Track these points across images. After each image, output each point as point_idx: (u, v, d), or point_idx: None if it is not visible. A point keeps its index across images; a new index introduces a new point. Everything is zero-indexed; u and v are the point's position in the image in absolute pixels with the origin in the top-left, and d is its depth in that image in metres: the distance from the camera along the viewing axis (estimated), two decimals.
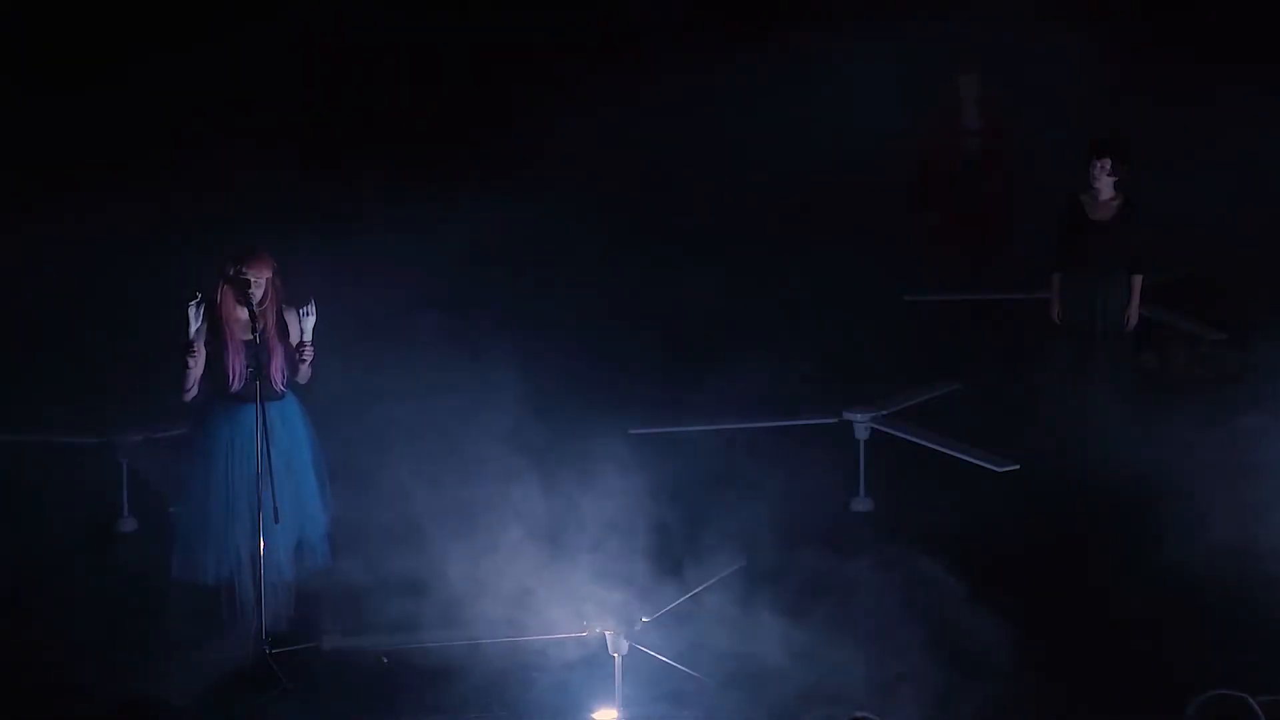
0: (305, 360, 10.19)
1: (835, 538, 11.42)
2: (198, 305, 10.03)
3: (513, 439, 10.96)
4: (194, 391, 10.13)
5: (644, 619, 9.74)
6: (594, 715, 9.50)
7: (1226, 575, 10.81)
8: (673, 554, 10.44)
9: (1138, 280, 12.86)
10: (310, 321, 10.18)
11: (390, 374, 12.79)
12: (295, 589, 10.35)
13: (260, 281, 10.06)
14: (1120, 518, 11.92)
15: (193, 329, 10.02)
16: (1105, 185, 12.80)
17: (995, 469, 12.26)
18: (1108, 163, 12.74)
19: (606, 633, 9.63)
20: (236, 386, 10.11)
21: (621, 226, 16.18)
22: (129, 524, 11.99)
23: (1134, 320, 12.90)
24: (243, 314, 10.05)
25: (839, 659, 9.76)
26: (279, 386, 10.18)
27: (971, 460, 12.31)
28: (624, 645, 9.53)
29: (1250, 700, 6.63)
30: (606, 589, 9.86)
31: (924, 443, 12.47)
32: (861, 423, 12.46)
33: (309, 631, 10.31)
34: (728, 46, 16.85)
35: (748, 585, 10.33)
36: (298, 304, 10.20)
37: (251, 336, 10.02)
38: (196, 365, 10.06)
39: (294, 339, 10.19)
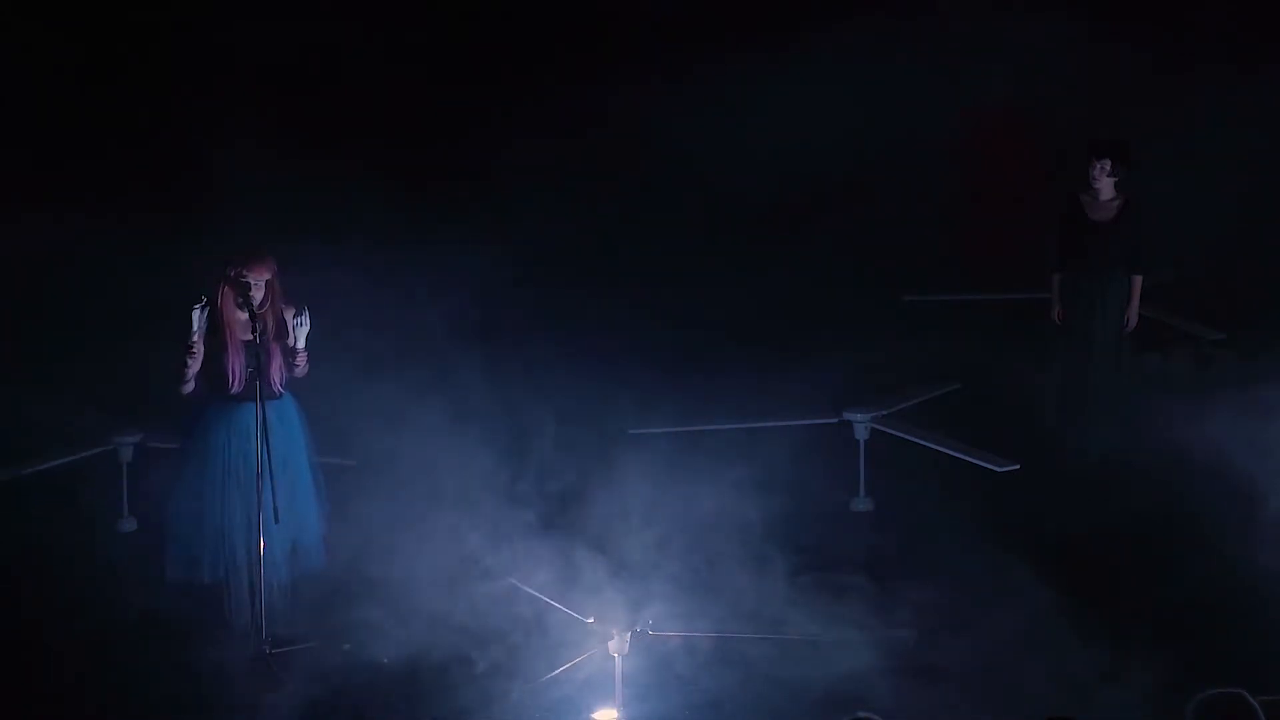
0: (299, 368, 10.22)
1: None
2: (202, 308, 10.05)
3: (516, 440, 10.98)
4: (191, 385, 10.16)
5: (650, 624, 9.77)
6: (594, 715, 9.50)
7: (1227, 575, 10.81)
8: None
9: (1138, 280, 12.87)
10: (304, 330, 10.19)
11: (402, 374, 12.79)
12: (290, 590, 10.36)
13: (260, 283, 10.08)
14: (1120, 517, 11.92)
15: (195, 330, 10.05)
16: (1105, 186, 12.80)
17: (995, 469, 12.27)
18: (1108, 163, 12.75)
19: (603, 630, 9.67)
20: (236, 388, 10.13)
21: (622, 227, 16.17)
22: (129, 524, 11.99)
23: (1134, 320, 12.91)
24: (243, 315, 10.07)
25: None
26: (277, 388, 10.20)
27: (971, 460, 12.32)
28: (625, 646, 9.53)
29: (1250, 699, 6.63)
30: (618, 590, 9.93)
31: (924, 443, 12.48)
32: (861, 423, 12.46)
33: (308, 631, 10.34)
34: (729, 47, 16.86)
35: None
36: (294, 308, 10.22)
37: (252, 337, 10.04)
38: (195, 363, 10.11)
39: (289, 343, 10.22)
